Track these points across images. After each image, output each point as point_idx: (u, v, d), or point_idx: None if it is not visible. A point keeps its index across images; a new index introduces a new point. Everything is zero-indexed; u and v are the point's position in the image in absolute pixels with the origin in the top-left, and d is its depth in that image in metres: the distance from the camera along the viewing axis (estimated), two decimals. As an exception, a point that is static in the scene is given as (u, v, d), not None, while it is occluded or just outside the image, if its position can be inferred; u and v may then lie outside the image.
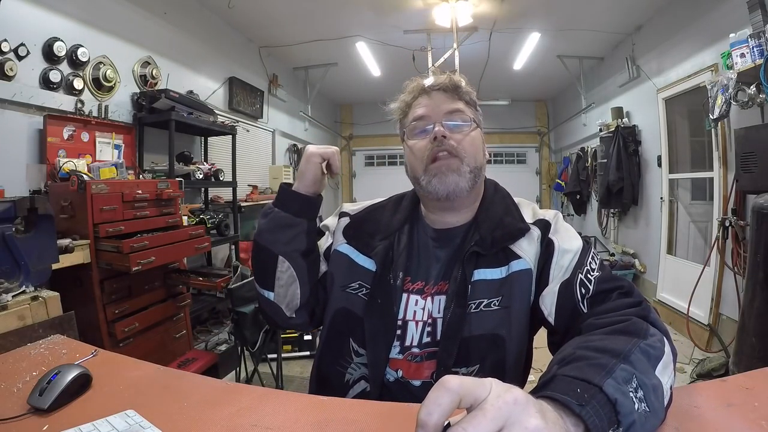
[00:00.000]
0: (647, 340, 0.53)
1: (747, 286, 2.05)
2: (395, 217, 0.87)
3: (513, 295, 0.74)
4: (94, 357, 0.75)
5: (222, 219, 3.17)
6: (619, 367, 0.46)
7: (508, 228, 0.78)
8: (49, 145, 2.18)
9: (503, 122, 7.22)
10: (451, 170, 0.77)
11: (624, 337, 0.53)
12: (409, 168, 0.85)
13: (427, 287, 0.79)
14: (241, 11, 3.65)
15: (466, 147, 0.79)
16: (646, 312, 0.61)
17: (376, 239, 0.84)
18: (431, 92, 0.84)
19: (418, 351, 0.76)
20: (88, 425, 0.52)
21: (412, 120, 0.83)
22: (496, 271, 0.76)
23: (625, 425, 0.42)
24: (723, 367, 2.46)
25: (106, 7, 2.59)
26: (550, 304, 0.71)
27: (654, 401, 0.46)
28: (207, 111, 3.14)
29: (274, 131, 4.93)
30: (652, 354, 0.51)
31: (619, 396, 0.42)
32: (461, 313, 0.73)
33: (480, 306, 0.74)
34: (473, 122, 0.82)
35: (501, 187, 0.91)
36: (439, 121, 0.80)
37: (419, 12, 3.75)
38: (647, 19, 3.81)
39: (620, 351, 0.49)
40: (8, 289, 1.33)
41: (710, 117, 2.70)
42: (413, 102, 0.86)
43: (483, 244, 0.76)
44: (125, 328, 1.96)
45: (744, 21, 2.39)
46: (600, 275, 0.70)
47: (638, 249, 4.30)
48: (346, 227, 0.88)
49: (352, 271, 0.83)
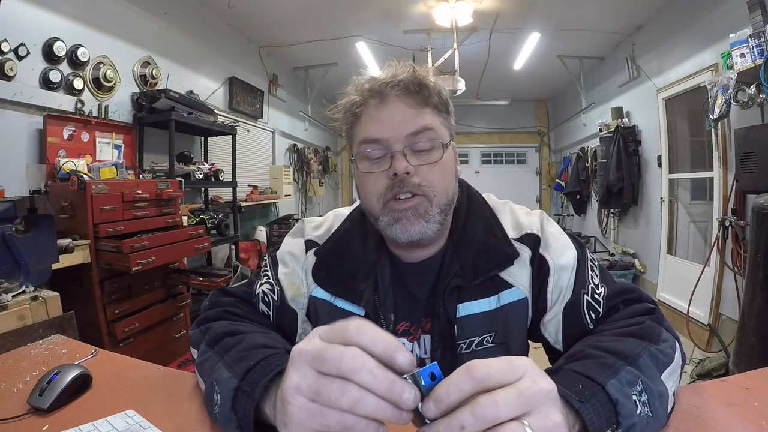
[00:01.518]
0: (659, 345, 0.52)
1: (747, 286, 2.05)
2: (367, 245, 0.70)
3: (509, 331, 0.66)
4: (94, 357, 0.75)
5: (222, 219, 3.17)
6: (625, 369, 0.45)
7: (493, 254, 0.66)
8: (49, 145, 2.18)
9: (503, 122, 7.22)
10: (418, 216, 0.62)
11: (635, 339, 0.52)
12: (362, 201, 0.68)
13: (412, 328, 0.69)
14: (241, 11, 3.65)
15: (435, 182, 0.63)
16: (661, 319, 0.58)
17: (357, 280, 0.68)
18: (389, 96, 0.63)
19: None
20: (88, 425, 0.52)
21: (363, 140, 0.64)
22: (484, 303, 0.65)
23: (624, 427, 0.41)
24: (723, 367, 2.45)
25: (106, 7, 2.59)
26: (555, 331, 0.64)
27: (658, 407, 0.45)
28: (207, 111, 3.14)
29: (274, 131, 4.93)
30: (661, 359, 0.50)
31: (621, 397, 0.42)
32: (451, 357, 0.65)
33: (472, 345, 0.65)
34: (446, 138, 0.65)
35: (474, 192, 0.75)
36: (399, 148, 0.62)
37: (419, 12, 3.75)
38: (647, 19, 3.81)
39: (629, 353, 0.48)
40: (8, 289, 1.33)
41: (710, 117, 2.70)
42: (362, 109, 0.65)
43: (465, 275, 0.65)
44: (125, 328, 1.96)
45: (744, 21, 2.39)
46: (607, 292, 0.63)
47: (638, 249, 4.30)
48: (315, 268, 0.71)
49: (333, 318, 0.69)
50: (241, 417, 0.46)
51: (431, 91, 0.64)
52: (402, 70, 0.65)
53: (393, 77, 0.64)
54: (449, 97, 0.70)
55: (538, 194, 7.53)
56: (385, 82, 0.64)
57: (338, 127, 0.75)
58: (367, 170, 0.64)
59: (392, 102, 0.63)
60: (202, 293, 2.97)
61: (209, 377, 0.53)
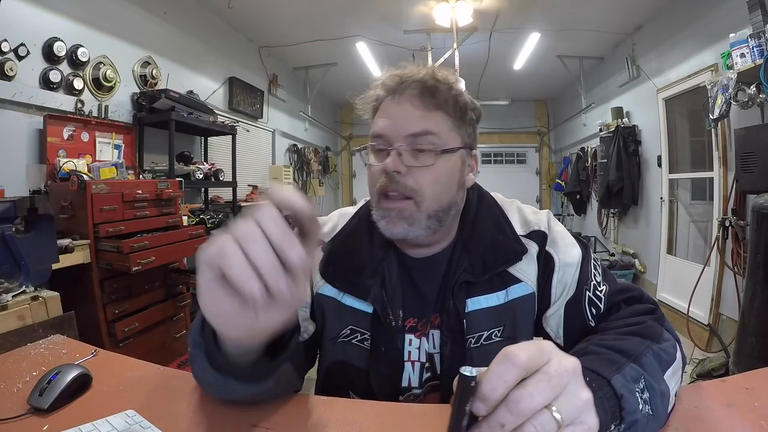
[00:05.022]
0: (661, 344, 0.52)
1: (747, 286, 2.05)
2: (375, 242, 0.70)
3: (517, 325, 0.67)
4: (94, 357, 0.75)
5: (222, 219, 3.17)
6: (629, 365, 0.46)
7: (502, 250, 0.67)
8: (49, 145, 2.18)
9: (503, 122, 7.21)
10: (402, 218, 0.63)
11: (638, 338, 0.52)
12: None
13: (420, 324, 0.69)
14: (241, 11, 3.65)
15: (426, 187, 0.63)
16: (662, 319, 0.59)
17: (364, 276, 0.68)
18: (403, 93, 0.65)
19: (420, 391, 0.69)
20: (88, 425, 0.52)
21: (372, 134, 0.67)
22: (492, 297, 0.67)
23: (628, 422, 0.41)
24: (723, 367, 2.45)
25: (106, 7, 2.59)
26: (557, 326, 0.66)
27: (659, 406, 0.45)
28: (207, 111, 3.14)
29: (274, 131, 4.93)
30: (663, 358, 0.50)
31: (626, 392, 0.42)
32: (461, 351, 0.66)
33: (480, 340, 0.66)
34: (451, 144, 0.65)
35: (483, 191, 0.76)
36: (396, 146, 0.63)
37: (419, 12, 3.75)
38: (647, 19, 3.81)
39: (633, 352, 0.48)
40: (8, 289, 1.33)
41: (710, 117, 2.70)
42: (379, 104, 0.69)
43: (474, 270, 0.66)
44: (125, 328, 1.96)
45: (744, 21, 2.39)
46: (608, 289, 0.65)
47: (638, 249, 4.30)
48: (323, 264, 0.71)
49: (340, 316, 0.69)
50: (208, 338, 0.47)
51: (445, 95, 0.65)
52: (421, 70, 0.66)
53: (410, 76, 0.65)
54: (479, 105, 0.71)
55: (538, 194, 7.53)
56: (402, 80, 0.66)
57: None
58: (371, 162, 0.67)
59: (403, 101, 0.65)
60: (202, 293, 2.97)
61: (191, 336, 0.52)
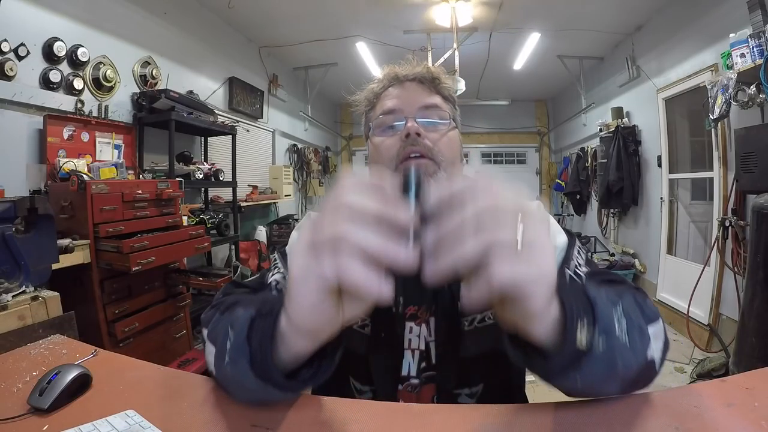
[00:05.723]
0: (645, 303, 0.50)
1: (747, 286, 2.05)
2: None
3: None
4: (94, 357, 0.75)
5: (222, 219, 3.18)
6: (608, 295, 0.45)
7: None
8: (49, 145, 2.18)
9: (503, 122, 7.22)
10: (426, 174, 0.65)
11: (618, 288, 0.51)
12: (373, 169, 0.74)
13: (419, 311, 0.71)
14: (241, 11, 3.65)
15: (443, 149, 0.69)
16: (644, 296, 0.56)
17: None
18: (405, 83, 0.74)
19: (417, 381, 0.70)
20: (88, 425, 0.52)
21: (381, 113, 0.73)
22: None
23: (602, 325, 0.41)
24: (723, 367, 2.46)
25: (106, 7, 2.59)
26: None
27: (637, 341, 0.43)
28: (207, 111, 3.14)
29: (274, 131, 4.93)
30: (646, 312, 0.48)
31: (600, 303, 0.42)
32: (455, 333, 0.67)
33: (474, 322, 0.68)
34: (452, 121, 0.73)
35: None
36: (412, 116, 0.70)
37: (419, 12, 3.75)
38: (647, 19, 3.81)
39: (612, 298, 0.46)
40: (8, 289, 1.33)
41: (710, 117, 2.70)
42: (383, 93, 0.75)
43: None
44: (125, 328, 1.96)
45: (744, 21, 2.39)
46: (589, 270, 0.66)
47: (638, 249, 4.30)
48: None
49: None
50: (255, 345, 0.44)
51: (442, 85, 0.75)
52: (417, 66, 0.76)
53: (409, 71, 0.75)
54: None
55: (538, 194, 7.53)
56: (404, 74, 0.75)
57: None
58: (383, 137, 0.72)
59: (408, 87, 0.74)
60: (203, 293, 2.97)
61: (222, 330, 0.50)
